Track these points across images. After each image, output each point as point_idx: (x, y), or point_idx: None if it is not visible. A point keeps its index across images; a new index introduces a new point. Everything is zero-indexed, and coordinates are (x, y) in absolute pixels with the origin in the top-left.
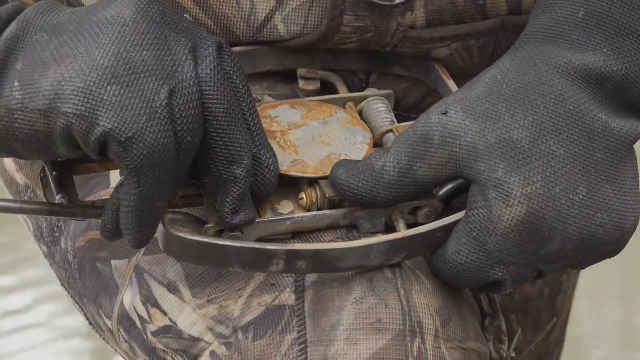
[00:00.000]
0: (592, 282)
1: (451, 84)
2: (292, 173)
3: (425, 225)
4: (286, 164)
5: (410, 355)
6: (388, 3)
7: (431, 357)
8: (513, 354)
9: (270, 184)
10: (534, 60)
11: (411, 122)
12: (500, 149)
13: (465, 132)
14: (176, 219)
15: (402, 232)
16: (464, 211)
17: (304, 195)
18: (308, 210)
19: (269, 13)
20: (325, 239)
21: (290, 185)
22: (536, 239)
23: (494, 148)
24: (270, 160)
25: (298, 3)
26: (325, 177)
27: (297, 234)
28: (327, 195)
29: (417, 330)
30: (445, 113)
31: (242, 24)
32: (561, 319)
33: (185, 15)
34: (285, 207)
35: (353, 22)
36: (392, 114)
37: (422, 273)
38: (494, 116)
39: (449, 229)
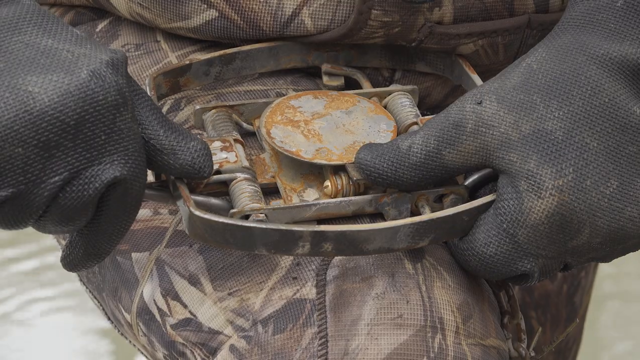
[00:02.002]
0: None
1: (476, 78)
2: (317, 161)
3: (452, 208)
4: (311, 152)
5: (432, 351)
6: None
7: (452, 353)
8: (533, 353)
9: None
10: (570, 49)
11: (434, 115)
12: (534, 141)
13: (499, 123)
14: (199, 201)
15: (429, 215)
16: (490, 195)
17: (329, 183)
18: (333, 198)
19: (296, 8)
20: None
21: (316, 174)
22: (565, 232)
23: (528, 140)
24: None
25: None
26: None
27: (323, 221)
28: (353, 179)
29: (439, 326)
30: (480, 103)
31: (269, 19)
32: (579, 316)
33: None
34: (311, 195)
35: (381, 17)
36: (417, 108)
37: (443, 269)
38: (528, 107)
39: (475, 212)
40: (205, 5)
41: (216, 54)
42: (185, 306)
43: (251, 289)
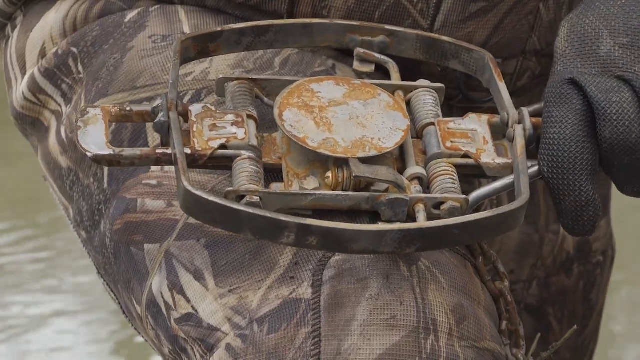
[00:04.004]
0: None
1: (502, 86)
2: (321, 151)
3: (443, 220)
4: (318, 140)
5: (424, 352)
6: None
7: (444, 355)
8: (531, 359)
9: None
10: None
11: (454, 119)
12: None
13: None
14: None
15: (418, 224)
16: (484, 212)
17: (330, 175)
18: (333, 190)
19: None
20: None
21: (322, 162)
22: (586, 42)
23: None
24: None
25: None
26: (354, 158)
27: (318, 213)
28: (353, 174)
29: (432, 327)
30: None
31: None
32: (596, 313)
33: None
34: (311, 183)
35: None
36: (439, 108)
37: (439, 272)
38: None
39: (465, 227)
40: None
41: (250, 24)
42: (188, 301)
43: (250, 287)
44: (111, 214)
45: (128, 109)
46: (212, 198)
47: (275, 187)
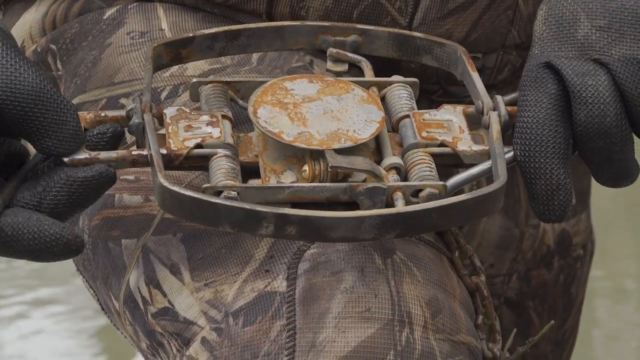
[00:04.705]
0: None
1: (475, 76)
2: (297, 144)
3: (421, 204)
4: (293, 135)
5: (399, 345)
6: None
7: (419, 348)
8: (507, 354)
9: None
10: None
11: (428, 111)
12: None
13: None
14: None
15: (396, 209)
16: (463, 194)
17: (307, 167)
18: (310, 183)
19: None
20: None
21: (299, 157)
22: (563, 25)
23: None
24: None
25: None
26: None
27: (297, 205)
28: (330, 165)
29: (406, 320)
30: None
31: None
32: (576, 307)
33: None
34: (288, 177)
35: None
36: (414, 101)
37: (414, 265)
38: None
39: (444, 210)
40: None
41: (221, 29)
42: (165, 295)
43: (226, 280)
44: (89, 210)
45: (103, 114)
46: (189, 193)
47: (253, 182)
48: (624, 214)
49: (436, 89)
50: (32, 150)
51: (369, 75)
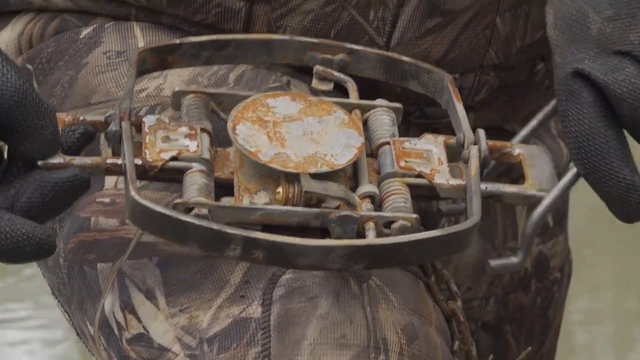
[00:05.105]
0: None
1: (460, 107)
2: (273, 165)
3: (392, 238)
4: (269, 155)
5: None
6: None
7: None
8: None
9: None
10: None
11: (409, 139)
12: None
13: None
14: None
15: (367, 240)
16: (434, 230)
17: (280, 190)
18: (284, 206)
19: None
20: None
21: (275, 178)
22: (574, 25)
23: None
24: None
25: None
26: (305, 174)
27: (268, 228)
28: (304, 190)
29: (382, 347)
30: None
31: None
32: (553, 330)
33: None
34: (261, 198)
35: None
36: (396, 127)
37: (389, 290)
38: None
39: (416, 245)
40: None
41: (209, 37)
42: (140, 320)
43: (201, 306)
44: (65, 233)
45: (81, 117)
46: (158, 208)
47: (226, 201)
48: (600, 235)
49: (414, 110)
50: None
51: (354, 96)
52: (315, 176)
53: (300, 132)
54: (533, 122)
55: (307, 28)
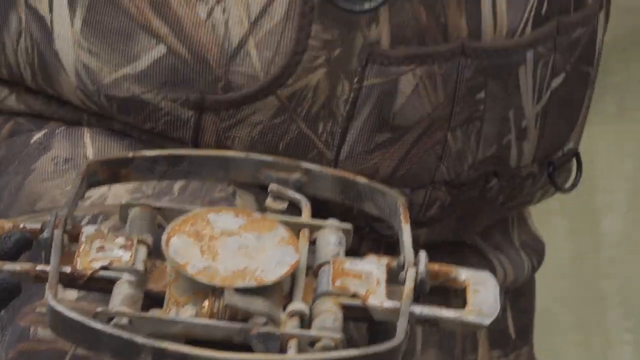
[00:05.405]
0: None
1: (406, 228)
2: (198, 277)
3: (309, 353)
4: (198, 267)
5: None
6: (357, 8)
7: None
8: None
9: None
10: None
11: (352, 258)
12: None
13: None
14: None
15: (288, 356)
16: (353, 349)
17: (206, 304)
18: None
19: (242, 37)
20: None
21: (204, 293)
22: None
23: None
24: None
25: (271, 25)
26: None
27: (193, 342)
28: (227, 304)
29: None
30: None
31: (216, 51)
32: None
33: None
34: (187, 311)
35: (321, 33)
36: (343, 247)
37: None
38: None
39: None
40: (155, 40)
41: (163, 152)
42: None
43: None
44: (7, 342)
45: (21, 225)
46: (72, 315)
47: (152, 312)
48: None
49: (364, 226)
50: None
51: (306, 215)
52: (244, 291)
53: (235, 246)
54: None
55: (255, 140)
